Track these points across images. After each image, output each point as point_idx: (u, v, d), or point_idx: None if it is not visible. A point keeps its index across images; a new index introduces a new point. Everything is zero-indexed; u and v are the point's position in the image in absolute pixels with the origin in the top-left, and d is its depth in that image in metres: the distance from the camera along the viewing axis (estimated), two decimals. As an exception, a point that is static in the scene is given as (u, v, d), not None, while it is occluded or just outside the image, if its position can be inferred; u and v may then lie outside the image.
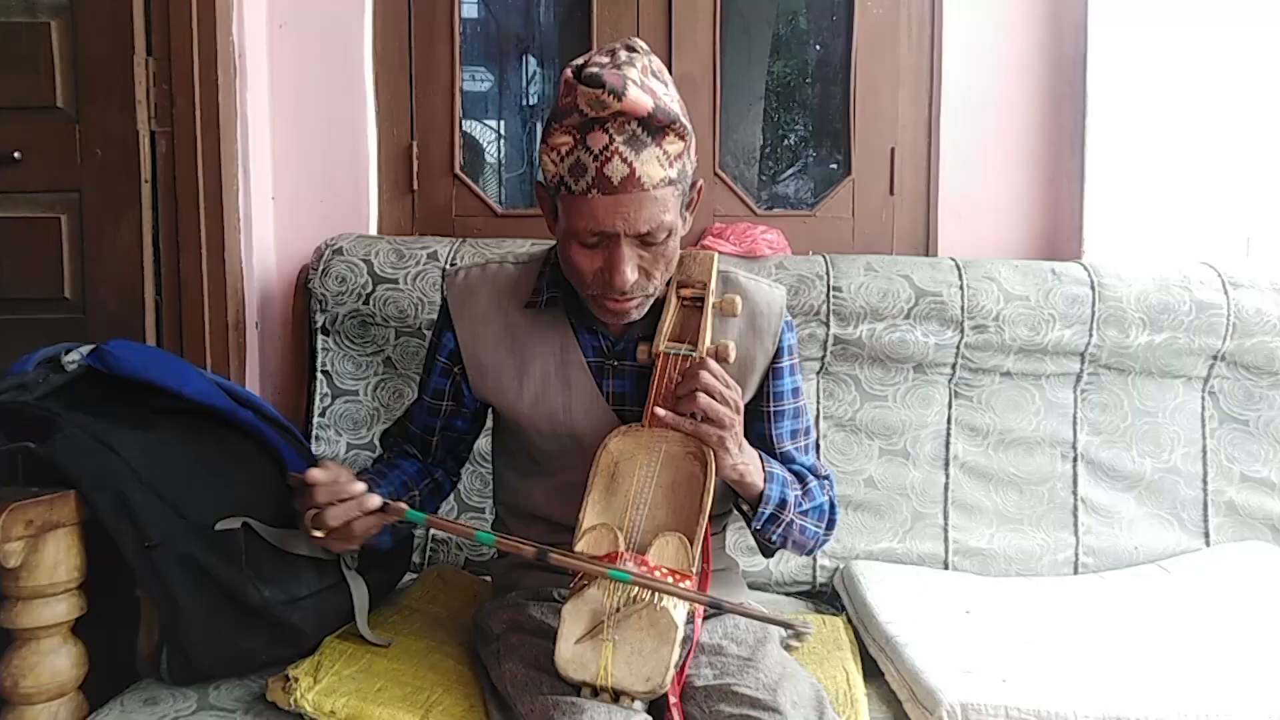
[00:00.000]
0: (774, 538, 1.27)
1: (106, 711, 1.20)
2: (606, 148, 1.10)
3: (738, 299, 1.25)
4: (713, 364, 1.18)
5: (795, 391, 1.34)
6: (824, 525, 1.32)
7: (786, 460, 1.33)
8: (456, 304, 1.32)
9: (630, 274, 1.15)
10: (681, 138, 1.14)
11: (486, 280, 1.33)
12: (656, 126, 1.12)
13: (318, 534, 1.14)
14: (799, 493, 1.28)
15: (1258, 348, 1.76)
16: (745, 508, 1.27)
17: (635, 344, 1.25)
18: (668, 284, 1.25)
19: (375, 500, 1.14)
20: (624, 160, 1.10)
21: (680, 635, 1.08)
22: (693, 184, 1.21)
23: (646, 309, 1.23)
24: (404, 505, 1.15)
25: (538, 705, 1.08)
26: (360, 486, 1.14)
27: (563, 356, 1.28)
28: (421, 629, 1.38)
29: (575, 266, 1.18)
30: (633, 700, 1.08)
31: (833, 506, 1.34)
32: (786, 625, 1.18)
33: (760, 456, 1.25)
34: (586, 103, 1.10)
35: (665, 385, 1.20)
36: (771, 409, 1.32)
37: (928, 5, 2.03)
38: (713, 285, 1.24)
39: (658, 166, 1.12)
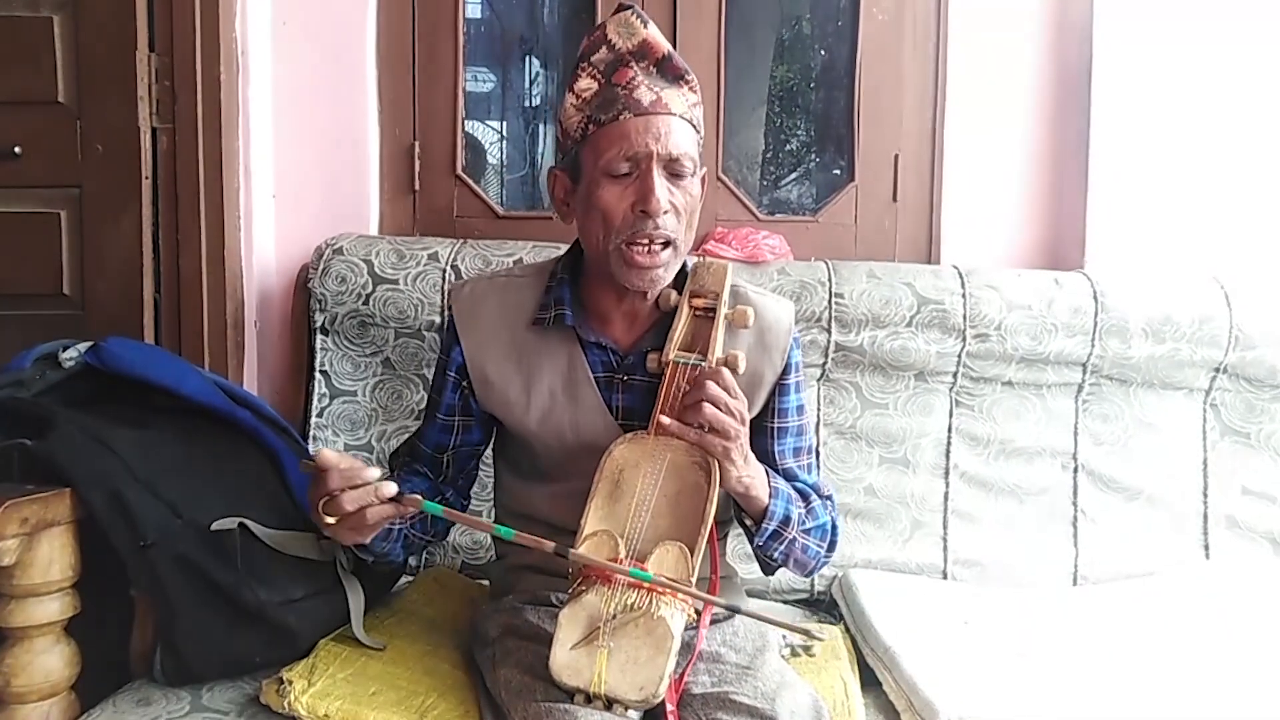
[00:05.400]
0: (776, 555, 1.26)
1: (99, 712, 1.19)
2: (632, 80, 1.19)
3: (750, 311, 1.24)
4: (724, 374, 1.16)
5: (800, 409, 1.33)
6: (825, 546, 1.31)
7: (789, 477, 1.31)
8: (463, 317, 1.31)
9: (663, 199, 1.17)
10: (695, 93, 1.23)
11: (494, 291, 1.32)
12: (674, 74, 1.22)
13: (330, 520, 1.09)
14: (803, 510, 1.27)
15: (1259, 360, 1.76)
16: (749, 523, 1.26)
17: (644, 357, 1.24)
18: (681, 292, 1.24)
19: (391, 488, 1.09)
20: (650, 89, 1.19)
21: (676, 645, 1.07)
22: (702, 163, 1.24)
23: (671, 275, 1.23)
24: (419, 496, 1.11)
25: (531, 712, 1.08)
26: (376, 472, 1.10)
27: (570, 374, 1.27)
28: (417, 632, 1.37)
29: (605, 209, 1.18)
30: (625, 709, 1.07)
31: (834, 528, 1.32)
32: (804, 632, 1.18)
33: (766, 472, 1.23)
34: (615, 29, 1.21)
35: (673, 394, 1.18)
36: (775, 425, 1.31)
37: (932, 12, 2.03)
38: (725, 296, 1.23)
39: (680, 102, 1.21)
